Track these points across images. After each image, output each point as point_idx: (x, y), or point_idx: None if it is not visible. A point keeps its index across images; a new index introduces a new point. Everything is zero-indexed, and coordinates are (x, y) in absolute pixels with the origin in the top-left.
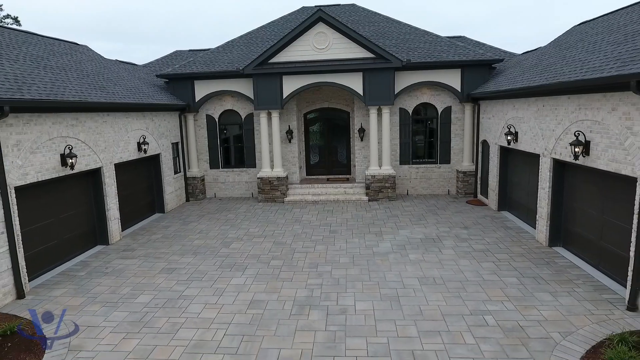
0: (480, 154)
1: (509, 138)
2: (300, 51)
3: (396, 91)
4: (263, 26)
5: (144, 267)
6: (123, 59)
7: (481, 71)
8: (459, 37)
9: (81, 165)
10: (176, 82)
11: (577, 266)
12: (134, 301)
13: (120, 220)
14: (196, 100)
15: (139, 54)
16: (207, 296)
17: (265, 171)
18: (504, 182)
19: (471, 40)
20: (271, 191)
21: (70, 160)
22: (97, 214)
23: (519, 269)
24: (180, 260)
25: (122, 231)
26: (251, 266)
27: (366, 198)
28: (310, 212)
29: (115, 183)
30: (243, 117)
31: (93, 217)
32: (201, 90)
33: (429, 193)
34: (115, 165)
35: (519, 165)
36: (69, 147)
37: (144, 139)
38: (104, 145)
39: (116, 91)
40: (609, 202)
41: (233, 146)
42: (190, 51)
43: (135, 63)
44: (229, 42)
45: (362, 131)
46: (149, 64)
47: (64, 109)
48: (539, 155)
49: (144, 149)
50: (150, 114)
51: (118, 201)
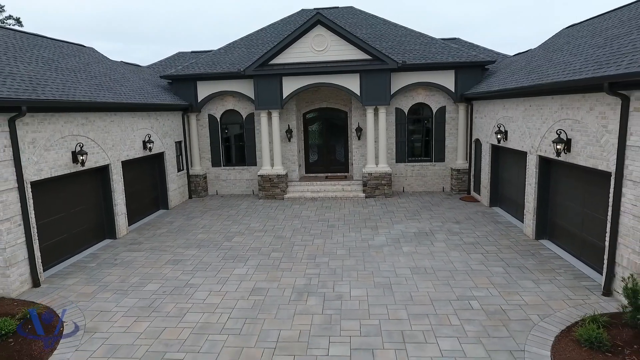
0: (473, 152)
1: (499, 137)
2: (299, 53)
3: (392, 91)
4: (263, 28)
5: (150, 258)
6: (123, 59)
7: (474, 72)
8: (454, 39)
9: (91, 162)
10: (179, 83)
11: (560, 257)
12: (143, 289)
13: (126, 216)
14: (199, 100)
15: (139, 54)
16: (211, 284)
17: (266, 169)
18: (495, 179)
19: (465, 42)
20: (271, 188)
21: (81, 158)
22: (105, 209)
23: (505, 259)
24: (185, 252)
25: (128, 226)
26: (252, 258)
27: (363, 195)
28: (309, 208)
29: (122, 180)
30: (244, 117)
31: (101, 212)
32: (203, 90)
33: (424, 190)
34: (122, 162)
35: (508, 163)
36: (79, 145)
37: (149, 137)
38: (111, 144)
39: (122, 92)
40: (589, 196)
41: (234, 145)
42: (192, 52)
43: (139, 64)
44: (230, 44)
45: (359, 130)
46: (152, 65)
47: (75, 108)
48: (526, 153)
49: (149, 147)
50: (155, 113)
51: (125, 197)
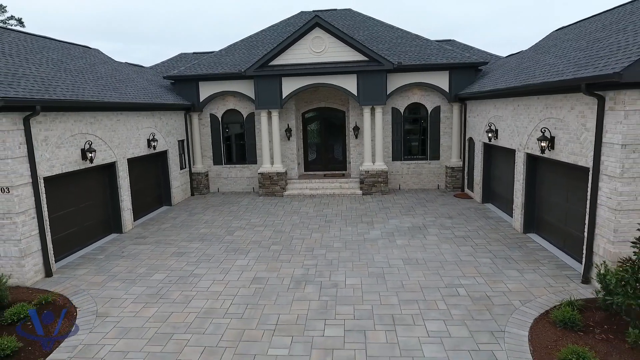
0: (467, 150)
1: (489, 135)
2: (298, 54)
3: (388, 92)
4: (263, 30)
5: (156, 251)
6: (123, 59)
7: (468, 73)
8: (449, 40)
9: (98, 159)
10: (182, 83)
11: (545, 249)
12: (150, 278)
13: (132, 211)
14: (201, 100)
15: (139, 54)
16: (214, 274)
17: (266, 167)
18: (487, 176)
19: (460, 43)
20: (271, 186)
21: (89, 155)
22: (112, 205)
23: (493, 251)
24: (189, 245)
25: (134, 221)
26: (253, 250)
27: (360, 192)
28: (307, 205)
29: (128, 177)
30: (245, 116)
31: (108, 207)
32: (205, 90)
33: (419, 188)
34: (128, 160)
35: (499, 161)
36: (88, 143)
37: (153, 136)
38: (118, 142)
39: (128, 92)
40: (571, 190)
41: (235, 143)
42: (194, 54)
43: (141, 65)
44: (231, 45)
45: (356, 129)
46: (155, 65)
47: (84, 108)
48: (515, 151)
49: (153, 145)
50: (159, 113)
51: (130, 193)
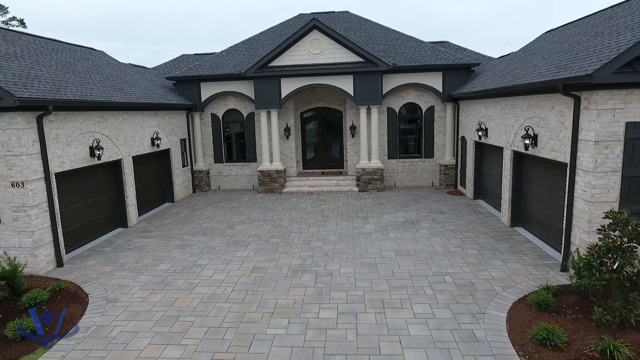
0: (459, 149)
1: (480, 134)
2: (296, 56)
3: (384, 92)
4: (263, 32)
5: (160, 244)
6: (123, 59)
7: (460, 74)
8: (443, 42)
9: (105, 156)
10: (184, 84)
11: (530, 241)
12: (156, 268)
13: (137, 207)
14: (202, 100)
15: (139, 54)
16: (216, 264)
17: (265, 165)
18: (478, 174)
19: (454, 45)
20: (270, 183)
21: (97, 152)
22: (118, 200)
23: (480, 243)
24: (192, 239)
25: (138, 216)
26: (253, 243)
27: (357, 189)
28: (305, 201)
29: (133, 173)
30: (245, 116)
31: (114, 202)
32: (207, 91)
33: (414, 185)
34: (133, 157)
35: (489, 158)
36: (96, 141)
37: (156, 134)
38: (123, 140)
39: (132, 92)
40: (553, 185)
41: (235, 142)
42: (196, 55)
43: (145, 66)
44: (231, 47)
45: (353, 128)
46: (157, 67)
47: (92, 107)
48: (502, 148)
49: (157, 143)
50: (162, 112)
51: (135, 190)
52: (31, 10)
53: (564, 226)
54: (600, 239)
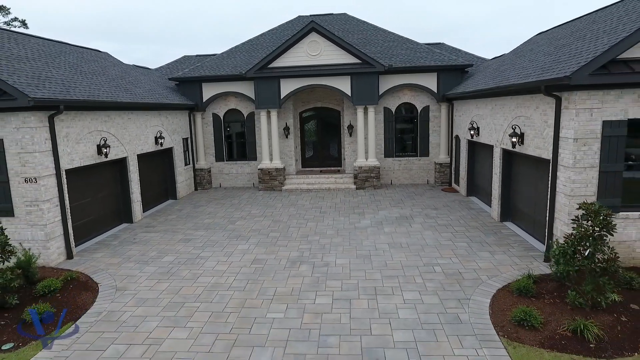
0: (454, 147)
1: (472, 133)
2: (295, 57)
3: (380, 92)
4: (263, 34)
5: (165, 238)
6: (123, 59)
7: (455, 75)
8: (438, 44)
9: (112, 154)
10: (186, 84)
11: (517, 235)
12: (161, 260)
13: (141, 203)
14: (204, 100)
15: (139, 54)
16: (219, 256)
17: (265, 163)
18: (471, 171)
19: (449, 46)
20: (270, 181)
21: (105, 150)
22: (123, 197)
23: (470, 237)
24: (195, 233)
25: (143, 212)
26: (253, 237)
27: (354, 187)
28: (304, 198)
29: (138, 171)
30: (245, 116)
31: (120, 199)
32: (208, 91)
33: (410, 183)
34: (138, 155)
35: (481, 156)
36: (103, 139)
37: (160, 133)
38: (128, 139)
39: (137, 93)
40: (538, 181)
41: (236, 141)
42: (197, 56)
43: (148, 67)
44: (232, 48)
45: (351, 128)
46: (160, 67)
47: (100, 107)
48: (493, 146)
49: (160, 142)
50: (165, 112)
51: (139, 187)
52: (32, 11)
53: (547, 219)
54: (573, 228)
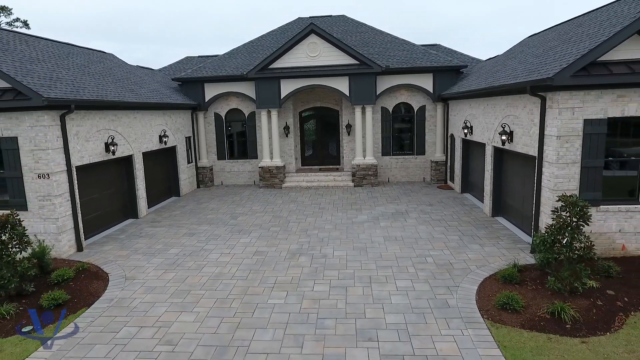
0: (449, 146)
1: (465, 131)
2: (295, 58)
3: (378, 92)
4: (263, 35)
5: (170, 232)
6: (123, 59)
7: (450, 75)
8: (434, 45)
9: (119, 152)
10: (189, 85)
11: (507, 229)
12: (167, 252)
13: (146, 199)
14: (206, 100)
15: (139, 54)
16: (222, 249)
17: (266, 161)
18: (465, 169)
19: (445, 48)
20: (271, 178)
21: (112, 148)
22: (129, 193)
23: (462, 231)
24: (199, 228)
25: (148, 208)
26: (255, 231)
27: (352, 184)
28: (304, 195)
29: (143, 168)
30: (246, 115)
31: (126, 195)
32: (210, 91)
33: (407, 180)
34: (143, 153)
35: (474, 154)
36: (111, 137)
37: (164, 132)
38: (134, 137)
39: (142, 93)
40: (526, 177)
41: (237, 140)
42: (199, 57)
43: (151, 68)
44: (234, 50)
45: (349, 127)
46: (163, 68)
47: (108, 107)
48: (485, 144)
49: (165, 141)
50: (169, 112)
51: (145, 183)
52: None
53: (533, 213)
54: (553, 219)
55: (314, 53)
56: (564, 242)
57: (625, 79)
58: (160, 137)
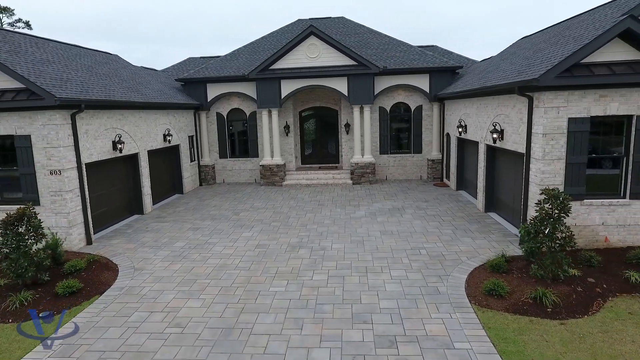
0: (445, 144)
1: (460, 130)
2: (295, 59)
3: (375, 92)
4: (264, 36)
5: (175, 227)
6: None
7: (446, 76)
8: (431, 46)
9: (125, 150)
10: (191, 85)
11: (499, 223)
12: (173, 245)
13: (151, 196)
14: (208, 100)
15: (138, 54)
16: (225, 242)
17: (267, 160)
18: (461, 167)
19: (441, 49)
20: (271, 176)
21: (119, 146)
22: (135, 190)
23: (455, 225)
24: (202, 223)
25: (152, 205)
26: (256, 226)
27: (351, 182)
28: (303, 192)
29: (148, 166)
30: (247, 115)
31: (132, 192)
32: (212, 91)
33: (404, 178)
34: (148, 152)
35: (469, 152)
36: (118, 136)
37: (168, 131)
38: (140, 136)
39: (147, 93)
40: (516, 174)
41: (239, 139)
42: (202, 58)
43: (155, 68)
44: (235, 51)
45: (348, 126)
46: (166, 69)
47: (115, 106)
48: (478, 142)
49: (169, 139)
50: (173, 111)
51: (150, 181)
52: (32, 11)
53: (522, 207)
54: (536, 211)
55: (313, 54)
56: (546, 232)
57: (606, 79)
58: (165, 136)
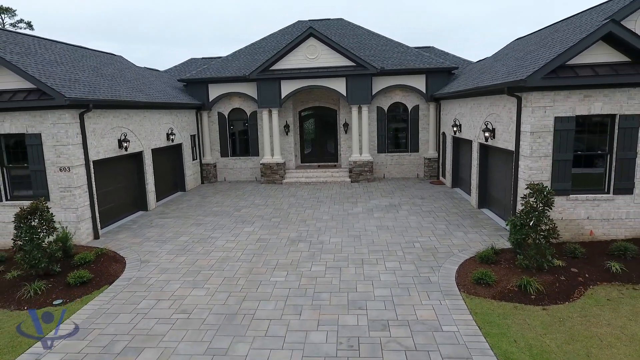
0: (441, 143)
1: (455, 129)
2: (295, 60)
3: (373, 92)
4: (265, 38)
5: (178, 222)
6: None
7: (442, 76)
8: (428, 47)
9: (130, 148)
10: (193, 85)
11: (491, 219)
12: (177, 240)
13: (155, 193)
14: (210, 100)
15: (139, 54)
16: (227, 237)
17: (267, 158)
18: (456, 165)
19: (438, 50)
20: (272, 174)
21: (124, 144)
22: (139, 187)
23: (449, 221)
24: (205, 219)
25: (156, 201)
26: (257, 221)
27: (349, 180)
28: (303, 190)
29: (152, 164)
30: (248, 114)
31: (136, 189)
32: (214, 92)
33: (401, 176)
34: (152, 150)
35: (463, 150)
36: (123, 135)
37: (171, 130)
38: (144, 134)
39: (150, 93)
40: (507, 171)
41: (239, 138)
42: (203, 59)
43: (158, 69)
44: (236, 52)
45: (346, 126)
46: (168, 70)
47: (121, 106)
48: (471, 141)
49: (172, 138)
50: (176, 111)
51: (153, 178)
52: (32, 11)
53: (512, 202)
54: (522, 204)
55: (312, 55)
56: (531, 224)
57: (590, 80)
58: (168, 135)
